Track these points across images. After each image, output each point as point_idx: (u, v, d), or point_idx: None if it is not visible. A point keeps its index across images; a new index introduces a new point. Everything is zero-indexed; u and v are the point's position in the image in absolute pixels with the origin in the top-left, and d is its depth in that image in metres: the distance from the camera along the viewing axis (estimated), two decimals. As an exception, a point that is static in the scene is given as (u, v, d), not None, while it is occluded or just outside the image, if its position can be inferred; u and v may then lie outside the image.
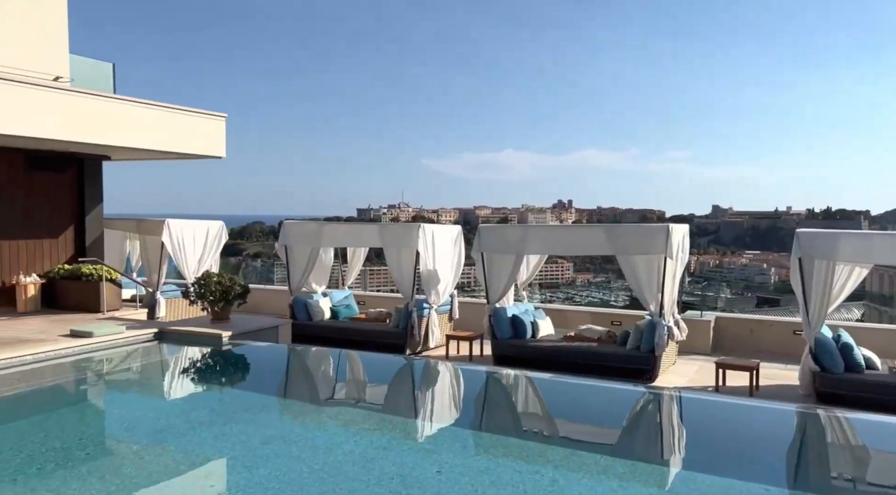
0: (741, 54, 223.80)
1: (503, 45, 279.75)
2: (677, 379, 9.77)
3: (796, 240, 8.58)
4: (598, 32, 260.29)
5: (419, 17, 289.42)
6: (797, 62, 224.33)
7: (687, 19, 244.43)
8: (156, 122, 11.78)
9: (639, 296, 9.87)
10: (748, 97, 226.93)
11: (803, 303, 8.62)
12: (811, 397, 8.54)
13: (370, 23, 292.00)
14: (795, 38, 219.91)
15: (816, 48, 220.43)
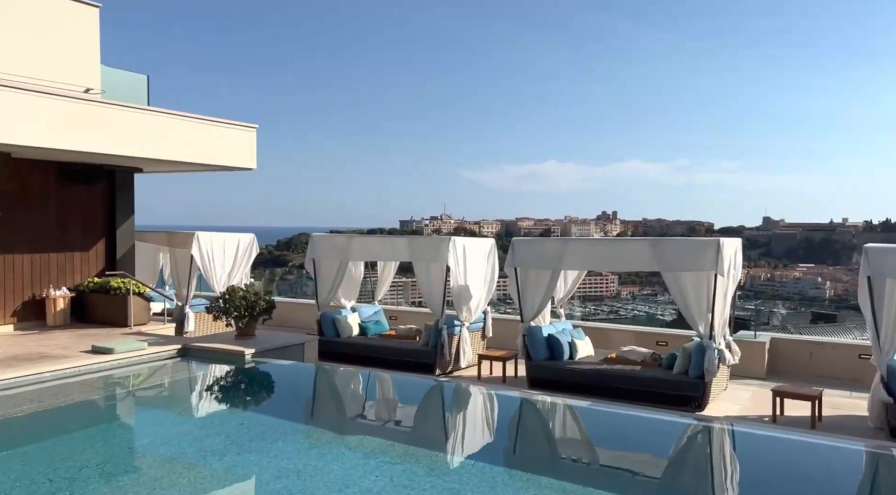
0: (792, 61, 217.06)
1: (547, 55, 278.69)
2: (729, 407, 8.97)
3: (864, 257, 7.75)
4: (641, 41, 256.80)
5: (460, 26, 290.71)
6: (849, 66, 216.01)
7: (734, 25, 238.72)
8: (188, 134, 11.63)
9: (686, 316, 9.12)
10: (799, 104, 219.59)
11: (873, 325, 7.76)
12: (883, 431, 7.66)
13: (412, 33, 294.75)
14: (846, 42, 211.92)
15: (869, 51, 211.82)
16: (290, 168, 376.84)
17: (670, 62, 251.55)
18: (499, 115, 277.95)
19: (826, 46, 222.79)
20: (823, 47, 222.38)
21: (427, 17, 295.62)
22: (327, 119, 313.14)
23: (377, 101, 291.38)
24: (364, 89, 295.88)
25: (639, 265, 10.12)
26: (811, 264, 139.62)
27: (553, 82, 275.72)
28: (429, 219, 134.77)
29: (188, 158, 11.68)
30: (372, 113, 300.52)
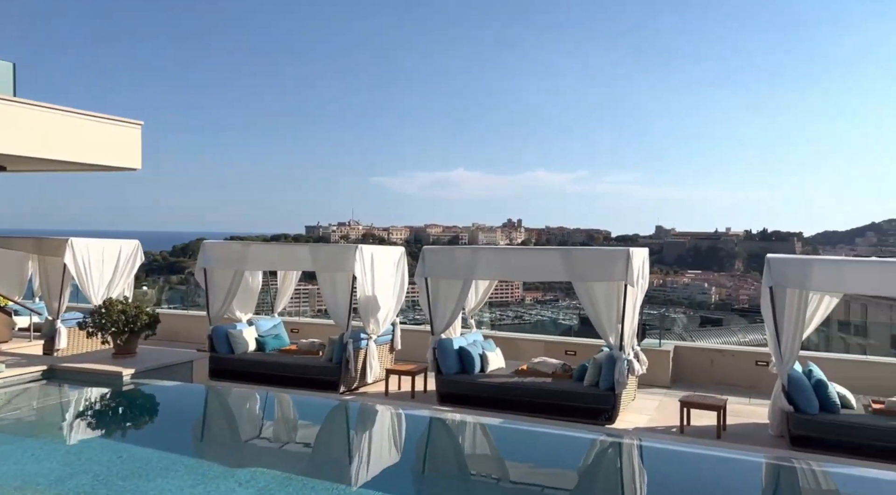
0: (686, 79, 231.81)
1: (455, 64, 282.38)
2: (638, 418, 8.93)
3: (767, 267, 7.90)
4: (547, 53, 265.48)
5: (370, 31, 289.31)
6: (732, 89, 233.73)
7: (634, 44, 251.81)
8: (62, 130, 10.37)
9: (597, 327, 9.02)
10: (691, 121, 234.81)
11: (774, 334, 7.91)
12: (784, 439, 7.82)
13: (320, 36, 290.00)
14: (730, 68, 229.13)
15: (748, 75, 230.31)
16: (189, 169, 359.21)
17: (572, 76, 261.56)
18: (410, 122, 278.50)
19: (714, 67, 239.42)
20: (712, 67, 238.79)
21: (337, 20, 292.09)
22: (230, 119, 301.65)
23: (284, 104, 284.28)
24: (272, 91, 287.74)
25: (551, 275, 9.96)
26: (699, 270, 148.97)
27: (462, 91, 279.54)
28: (336, 226, 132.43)
29: (62, 156, 10.42)
30: (278, 115, 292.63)
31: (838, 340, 30.30)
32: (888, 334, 34.32)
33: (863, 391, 8.58)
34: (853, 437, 7.31)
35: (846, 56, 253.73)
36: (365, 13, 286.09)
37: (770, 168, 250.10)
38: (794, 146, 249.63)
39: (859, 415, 7.56)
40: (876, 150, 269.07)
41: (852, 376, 9.45)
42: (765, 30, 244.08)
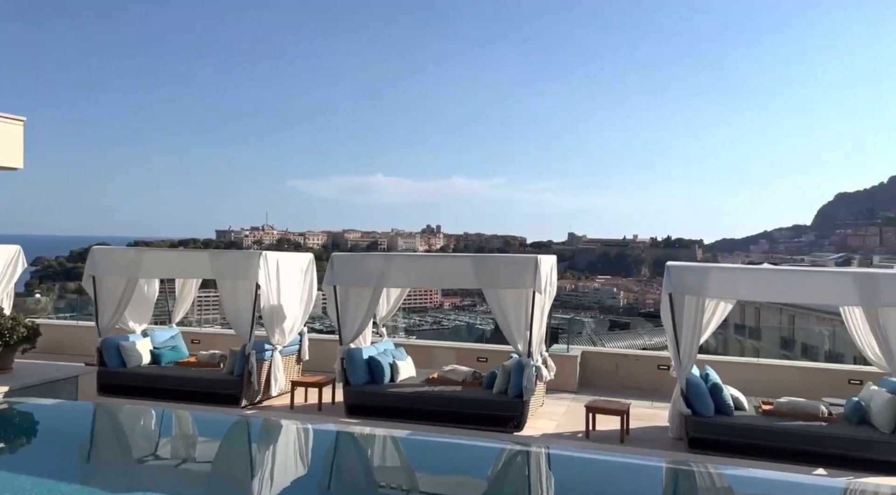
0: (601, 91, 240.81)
1: (373, 69, 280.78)
2: (546, 424, 9.01)
3: (667, 275, 8.15)
4: (461, 60, 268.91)
5: (291, 33, 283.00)
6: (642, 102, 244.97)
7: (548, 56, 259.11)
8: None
9: (506, 334, 9.04)
10: (603, 131, 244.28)
11: (674, 339, 8.17)
12: (682, 441, 8.08)
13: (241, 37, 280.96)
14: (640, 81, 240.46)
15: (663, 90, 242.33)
16: (94, 170, 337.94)
17: (486, 84, 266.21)
18: (329, 125, 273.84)
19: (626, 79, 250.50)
20: (623, 80, 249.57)
21: (255, 23, 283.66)
22: (138, 120, 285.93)
23: (198, 104, 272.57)
24: (185, 92, 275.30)
25: (462, 282, 9.90)
26: (608, 276, 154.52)
27: (381, 95, 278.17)
28: (249, 230, 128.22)
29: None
30: (191, 115, 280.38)
31: (735, 343, 32.21)
32: (778, 336, 36.72)
33: (755, 392, 9.02)
34: (745, 438, 7.64)
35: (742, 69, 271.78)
36: (280, 12, 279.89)
37: (674, 178, 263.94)
38: (696, 158, 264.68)
39: (750, 417, 7.92)
40: (769, 163, 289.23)
41: (746, 378, 9.93)
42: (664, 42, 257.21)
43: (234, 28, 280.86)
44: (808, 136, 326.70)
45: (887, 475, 6.92)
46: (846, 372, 10.05)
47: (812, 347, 30.31)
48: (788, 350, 33.82)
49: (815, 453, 7.33)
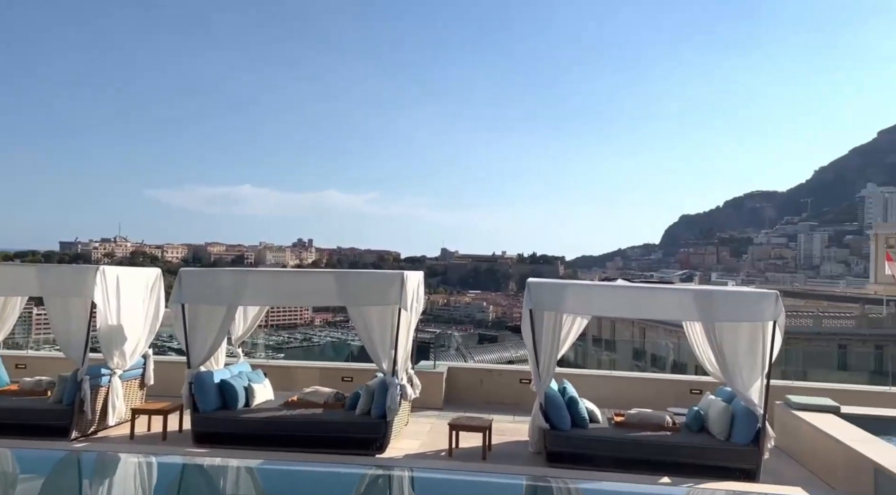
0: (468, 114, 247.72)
1: (245, 79, 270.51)
2: (410, 444, 8.83)
3: (527, 291, 8.31)
4: (340, 76, 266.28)
5: (149, 41, 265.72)
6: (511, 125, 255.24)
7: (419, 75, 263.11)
8: None
9: (371, 353, 8.78)
10: (474, 151, 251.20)
11: (534, 355, 8.33)
12: (541, 455, 8.21)
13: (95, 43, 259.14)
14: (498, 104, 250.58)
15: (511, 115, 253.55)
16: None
17: (367, 99, 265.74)
18: (192, 132, 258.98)
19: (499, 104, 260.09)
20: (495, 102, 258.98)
21: (110, 29, 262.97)
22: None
23: (46, 108, 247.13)
24: (32, 93, 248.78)
25: (325, 299, 9.54)
26: (479, 290, 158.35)
27: (251, 103, 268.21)
28: (99, 242, 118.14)
29: None
30: (34, 119, 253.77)
31: (592, 355, 33.96)
32: (631, 348, 39.16)
33: (609, 404, 9.40)
34: (599, 450, 7.91)
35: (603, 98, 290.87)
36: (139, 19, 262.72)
37: (539, 197, 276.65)
38: (558, 179, 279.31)
39: (604, 429, 8.22)
40: (624, 186, 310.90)
41: (601, 390, 10.36)
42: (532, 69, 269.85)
43: (89, 33, 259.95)
44: (657, 162, 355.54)
45: (723, 480, 7.43)
46: (688, 383, 10.78)
47: (660, 358, 32.73)
48: (640, 360, 36.29)
49: (662, 462, 7.71)
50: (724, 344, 8.03)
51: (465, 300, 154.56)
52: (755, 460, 7.53)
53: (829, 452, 7.61)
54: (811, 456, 8.10)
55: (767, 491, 7.03)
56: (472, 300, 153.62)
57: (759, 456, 7.53)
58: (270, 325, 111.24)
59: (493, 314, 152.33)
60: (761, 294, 7.90)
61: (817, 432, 7.93)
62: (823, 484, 7.51)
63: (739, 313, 7.86)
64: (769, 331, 7.72)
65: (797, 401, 8.93)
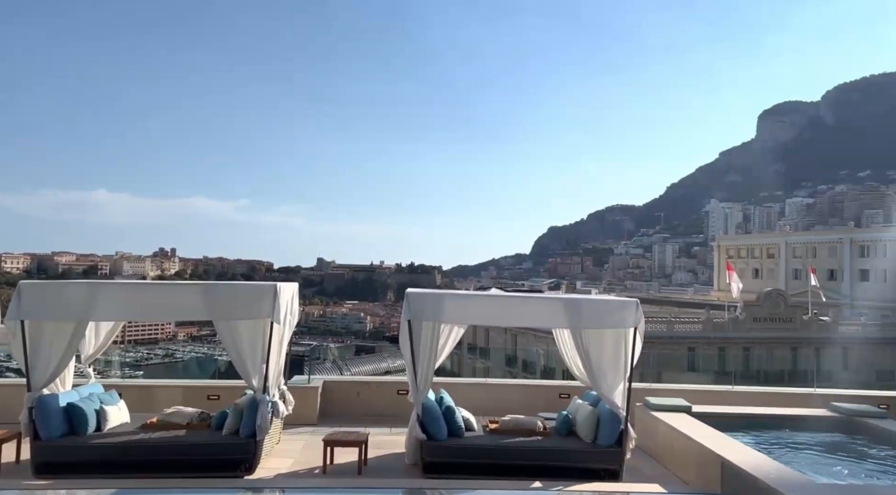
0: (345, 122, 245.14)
1: (101, 72, 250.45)
2: (281, 463, 8.45)
3: (406, 302, 8.26)
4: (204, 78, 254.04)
5: None
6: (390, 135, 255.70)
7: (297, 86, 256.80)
8: None
9: (240, 370, 8.32)
10: (349, 159, 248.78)
11: (412, 365, 8.28)
12: (418, 467, 8.17)
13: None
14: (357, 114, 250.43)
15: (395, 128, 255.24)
16: None
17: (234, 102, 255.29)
18: (39, 132, 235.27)
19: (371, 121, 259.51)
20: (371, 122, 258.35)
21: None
22: None
23: None
24: None
25: (189, 313, 8.92)
26: (356, 301, 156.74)
27: (104, 98, 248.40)
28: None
29: None
30: None
31: (468, 363, 34.67)
32: (504, 355, 40.28)
33: (484, 412, 9.56)
34: (475, 458, 8.00)
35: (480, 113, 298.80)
36: None
37: (418, 208, 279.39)
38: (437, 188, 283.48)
39: (479, 437, 8.33)
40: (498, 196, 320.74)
41: (476, 398, 10.52)
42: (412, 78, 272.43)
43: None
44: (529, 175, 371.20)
45: (590, 481, 7.76)
46: (557, 388, 11.22)
47: (531, 364, 34.03)
48: (512, 367, 37.57)
49: (534, 467, 7.93)
50: (591, 349, 8.43)
51: (343, 311, 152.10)
52: (619, 460, 7.95)
53: (683, 449, 8.20)
54: (668, 454, 8.69)
55: (628, 489, 7.43)
56: (350, 311, 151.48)
57: (622, 457, 7.96)
58: (128, 341, 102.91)
59: (370, 324, 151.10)
60: (623, 302, 8.38)
61: (672, 431, 8.52)
62: (678, 480, 8.07)
63: (604, 320, 8.29)
64: (630, 336, 8.20)
65: (655, 403, 9.56)
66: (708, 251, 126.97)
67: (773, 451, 8.38)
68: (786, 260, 69.62)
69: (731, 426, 9.07)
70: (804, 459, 8.43)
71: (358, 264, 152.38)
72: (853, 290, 61.88)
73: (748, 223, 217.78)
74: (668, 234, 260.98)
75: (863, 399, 10.59)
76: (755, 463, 6.84)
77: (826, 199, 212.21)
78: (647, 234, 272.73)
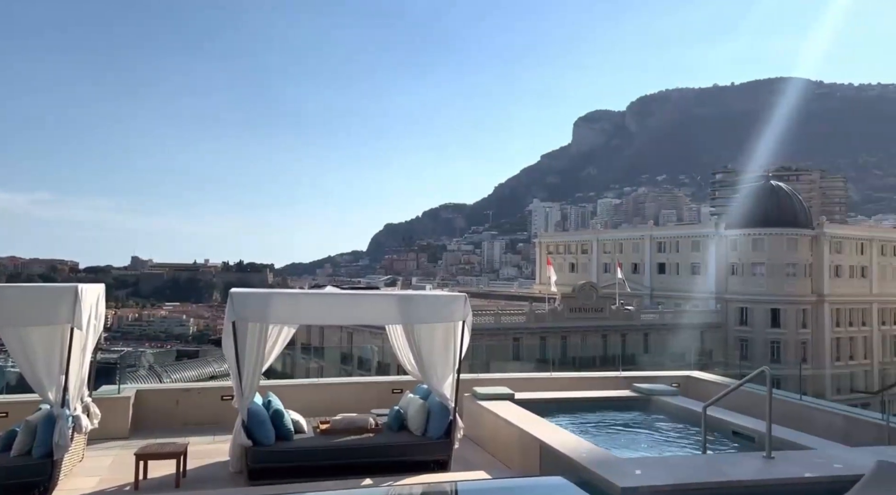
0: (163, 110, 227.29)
1: None
2: (85, 482, 7.60)
3: (230, 302, 7.80)
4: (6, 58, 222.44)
5: None
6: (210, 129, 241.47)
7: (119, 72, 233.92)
8: None
9: (32, 382, 7.35)
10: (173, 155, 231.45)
11: (236, 369, 7.85)
12: (242, 474, 7.78)
13: None
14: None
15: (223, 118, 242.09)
16: None
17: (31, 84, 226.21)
18: None
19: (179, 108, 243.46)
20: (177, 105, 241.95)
21: None
22: None
23: None
24: None
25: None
26: (177, 302, 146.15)
27: None
28: None
29: None
30: None
31: (301, 363, 33.86)
32: (339, 354, 39.92)
33: (318, 412, 9.35)
34: (304, 461, 7.78)
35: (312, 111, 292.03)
36: None
37: (247, 204, 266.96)
38: (269, 185, 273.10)
39: (309, 439, 8.12)
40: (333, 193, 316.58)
41: (309, 399, 10.28)
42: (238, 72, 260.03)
43: None
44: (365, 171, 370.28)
45: (423, 473, 7.90)
46: (390, 383, 11.29)
47: (366, 361, 34.03)
48: (347, 365, 37.31)
49: (365, 464, 7.91)
50: (422, 344, 8.58)
51: (162, 313, 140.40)
52: (447, 451, 8.18)
53: (506, 436, 8.64)
54: (493, 442, 9.11)
55: (455, 478, 7.67)
56: (170, 313, 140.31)
57: (451, 447, 8.21)
58: None
59: (194, 327, 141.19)
60: (453, 296, 8.64)
61: (497, 419, 8.95)
62: (502, 466, 8.49)
63: (435, 314, 8.48)
64: (459, 329, 8.48)
65: (481, 392, 9.98)
66: (531, 247, 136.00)
67: (585, 431, 9.13)
68: (597, 255, 76.40)
69: (549, 410, 9.74)
70: (609, 437, 9.29)
71: (179, 263, 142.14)
72: (652, 282, 69.58)
73: (566, 221, 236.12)
74: (496, 232, 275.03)
75: (659, 379, 11.90)
76: (568, 444, 7.39)
77: (631, 200, 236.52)
78: (478, 232, 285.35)
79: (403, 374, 10.81)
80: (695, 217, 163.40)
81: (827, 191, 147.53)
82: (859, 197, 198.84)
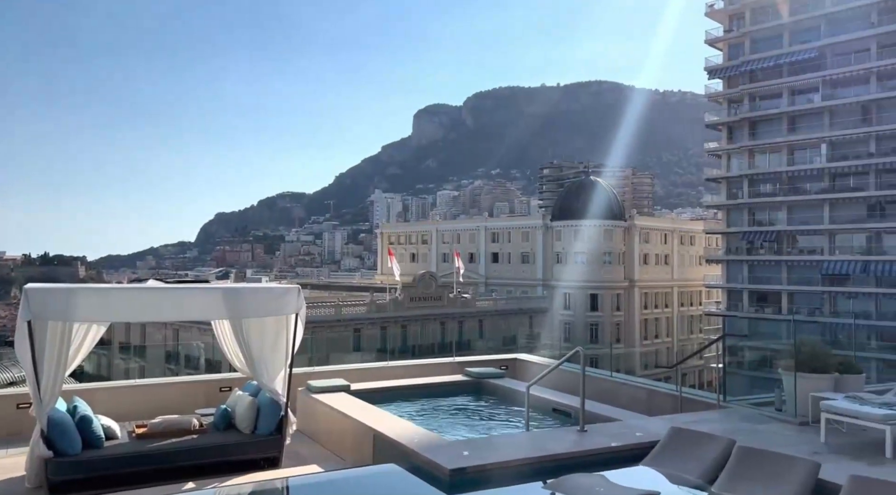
0: None
1: None
2: None
3: (24, 300, 6.91)
4: None
5: None
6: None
7: None
8: None
9: None
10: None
11: (33, 374, 6.99)
12: (43, 489, 6.98)
13: None
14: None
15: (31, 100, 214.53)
16: None
17: None
18: None
19: None
20: None
21: None
22: None
23: None
24: None
25: None
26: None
27: None
28: None
29: None
30: None
31: (119, 364, 31.07)
32: (164, 352, 37.23)
33: (136, 416, 8.59)
34: (115, 469, 7.16)
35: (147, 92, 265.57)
36: None
37: (54, 192, 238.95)
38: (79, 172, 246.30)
39: (122, 445, 7.48)
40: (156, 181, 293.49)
41: (125, 402, 9.47)
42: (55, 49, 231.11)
43: None
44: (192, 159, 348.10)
45: (252, 472, 7.61)
46: (218, 382, 10.72)
47: (193, 359, 31.92)
48: (173, 364, 34.81)
49: (189, 467, 7.44)
50: (252, 339, 8.24)
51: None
52: (278, 447, 7.95)
53: (340, 428, 8.59)
54: (327, 435, 9.00)
55: (286, 474, 7.50)
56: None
57: (282, 443, 7.99)
58: None
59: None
60: (285, 288, 8.37)
61: (331, 411, 8.86)
62: (336, 458, 8.42)
63: (264, 308, 8.16)
64: (292, 322, 8.24)
65: (316, 385, 9.82)
66: (373, 238, 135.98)
67: (417, 418, 9.33)
68: (437, 245, 78.51)
69: (385, 399, 9.84)
70: (442, 421, 9.60)
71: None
72: (487, 270, 72.96)
73: (407, 212, 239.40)
74: (337, 222, 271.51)
75: (489, 363, 12.49)
76: (401, 431, 7.52)
77: (468, 193, 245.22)
78: (318, 222, 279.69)
79: (234, 372, 10.31)
80: (525, 209, 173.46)
81: (637, 187, 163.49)
82: (663, 192, 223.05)
